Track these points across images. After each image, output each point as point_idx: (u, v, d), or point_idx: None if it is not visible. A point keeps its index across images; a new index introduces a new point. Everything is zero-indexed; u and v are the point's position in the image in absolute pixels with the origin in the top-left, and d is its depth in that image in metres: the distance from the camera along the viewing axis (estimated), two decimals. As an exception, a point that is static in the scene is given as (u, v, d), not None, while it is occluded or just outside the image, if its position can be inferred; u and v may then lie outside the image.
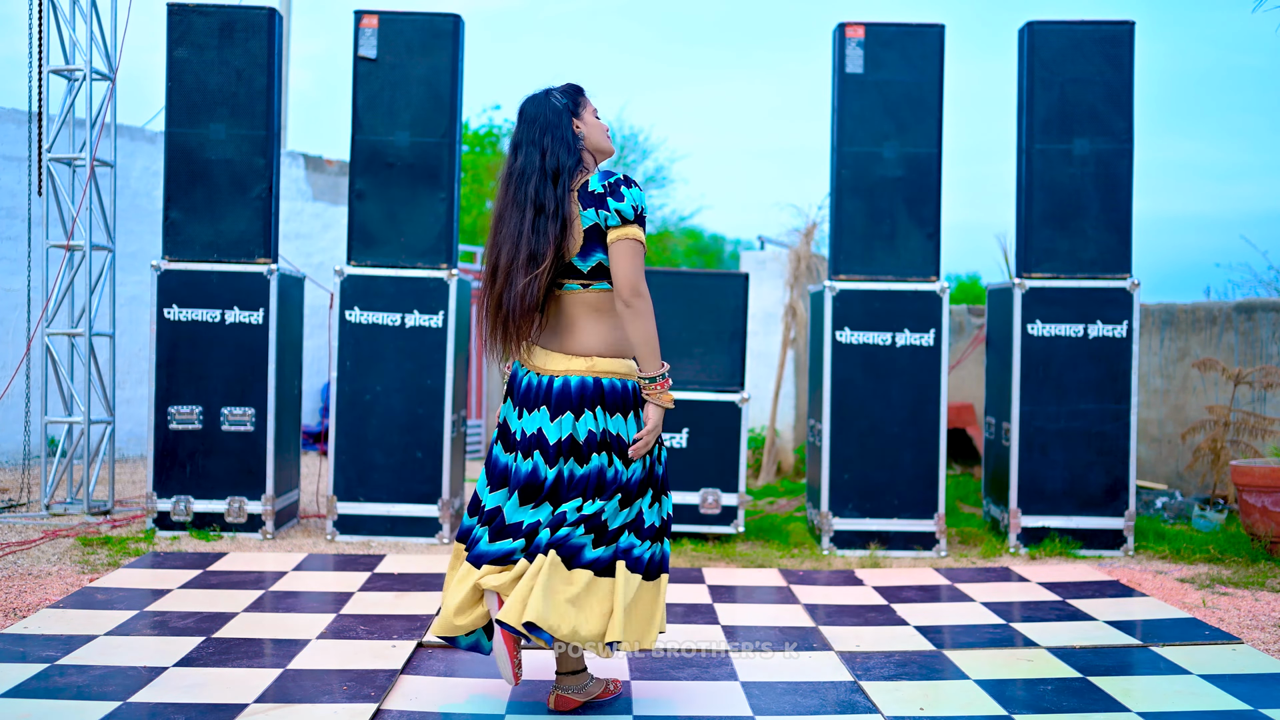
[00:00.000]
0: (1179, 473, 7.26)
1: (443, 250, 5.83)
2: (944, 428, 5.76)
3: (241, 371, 5.82)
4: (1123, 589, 4.91)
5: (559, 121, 3.14)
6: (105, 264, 6.35)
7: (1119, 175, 5.78)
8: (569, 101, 3.19)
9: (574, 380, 3.09)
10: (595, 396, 3.09)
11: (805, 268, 8.26)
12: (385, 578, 4.93)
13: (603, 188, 3.07)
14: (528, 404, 3.15)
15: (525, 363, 3.19)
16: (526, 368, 3.19)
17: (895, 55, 5.81)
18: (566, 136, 3.13)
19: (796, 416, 9.21)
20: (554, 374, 3.12)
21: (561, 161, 3.10)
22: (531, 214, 3.08)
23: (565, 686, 3.28)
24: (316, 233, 10.34)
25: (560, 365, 3.12)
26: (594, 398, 3.09)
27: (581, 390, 3.09)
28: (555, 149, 3.10)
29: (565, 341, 3.14)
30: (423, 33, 5.82)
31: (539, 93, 3.22)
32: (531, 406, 3.13)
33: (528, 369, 3.19)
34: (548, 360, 3.14)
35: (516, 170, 3.14)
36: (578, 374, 3.09)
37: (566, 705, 3.26)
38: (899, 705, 3.36)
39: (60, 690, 3.32)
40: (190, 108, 5.84)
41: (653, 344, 3.07)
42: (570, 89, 3.23)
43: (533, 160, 3.11)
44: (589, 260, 3.09)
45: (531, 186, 3.09)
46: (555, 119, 3.14)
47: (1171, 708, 3.35)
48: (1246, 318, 7.00)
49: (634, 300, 3.04)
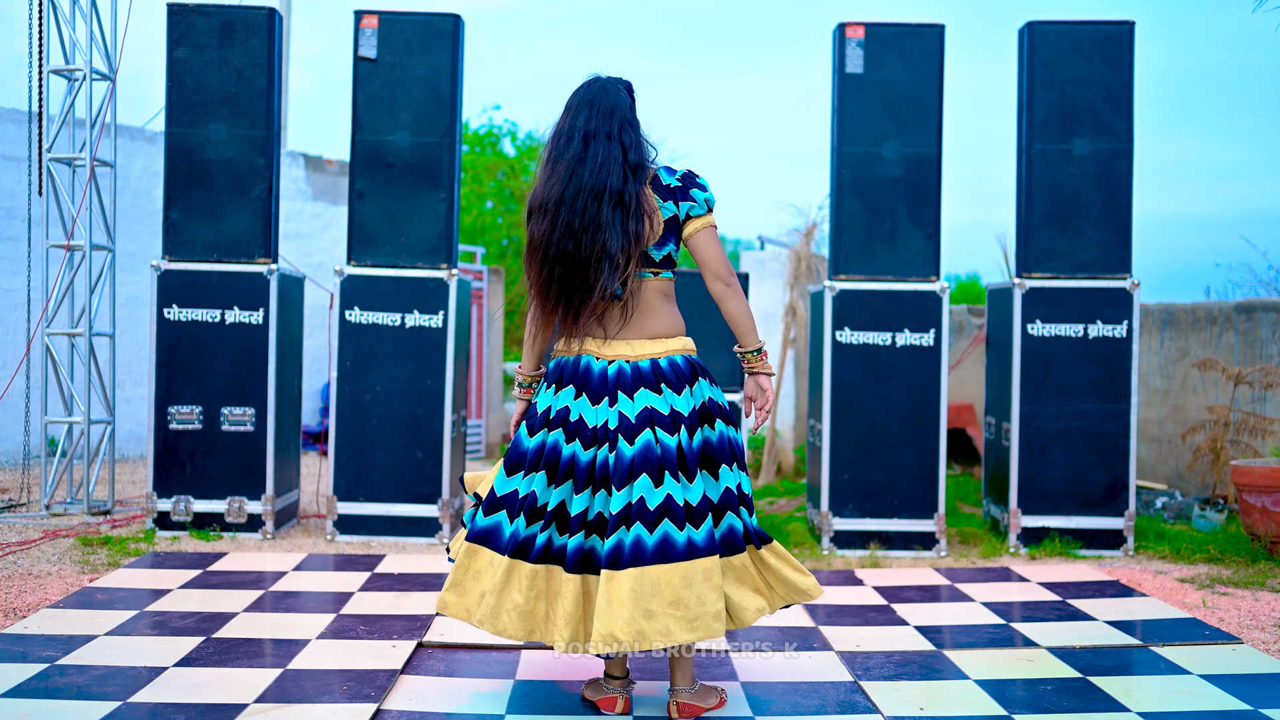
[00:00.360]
0: (1179, 473, 7.26)
1: (443, 250, 5.83)
2: (944, 428, 5.76)
3: (241, 371, 5.82)
4: (1123, 589, 4.91)
5: (634, 119, 3.21)
6: (105, 264, 6.35)
7: (1119, 175, 5.78)
8: (632, 99, 3.25)
9: (663, 361, 3.17)
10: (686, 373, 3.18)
11: (805, 268, 8.26)
12: (385, 578, 4.93)
13: (678, 181, 3.19)
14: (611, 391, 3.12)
15: (589, 351, 3.17)
16: (593, 355, 3.17)
17: (895, 55, 5.81)
18: (642, 134, 3.21)
19: (796, 416, 9.21)
20: (638, 358, 3.16)
21: (644, 157, 3.18)
22: (611, 205, 3.10)
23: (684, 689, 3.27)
24: (316, 233, 10.34)
25: (645, 349, 3.17)
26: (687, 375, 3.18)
27: (673, 369, 3.17)
28: (637, 144, 3.17)
29: (645, 327, 3.19)
30: (423, 33, 5.82)
31: (606, 81, 3.22)
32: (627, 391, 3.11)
33: (596, 357, 3.17)
34: (630, 347, 3.17)
35: (593, 158, 3.11)
36: (666, 354, 3.18)
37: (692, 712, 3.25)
38: (899, 705, 3.36)
39: (60, 690, 3.32)
40: (190, 108, 5.83)
41: (752, 318, 3.26)
42: (630, 85, 3.27)
43: (613, 153, 3.12)
44: (662, 250, 3.18)
45: (615, 179, 3.11)
46: (631, 115, 3.20)
47: (1171, 708, 3.35)
48: (1246, 318, 7.00)
49: (732, 280, 3.21)
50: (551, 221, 3.11)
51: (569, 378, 3.18)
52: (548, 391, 3.21)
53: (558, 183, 3.13)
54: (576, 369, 3.18)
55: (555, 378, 3.21)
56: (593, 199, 3.09)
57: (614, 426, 3.09)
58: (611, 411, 3.11)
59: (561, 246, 3.10)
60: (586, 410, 3.13)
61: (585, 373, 3.17)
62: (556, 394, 3.18)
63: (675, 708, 3.22)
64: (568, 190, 3.11)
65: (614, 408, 3.11)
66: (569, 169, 3.12)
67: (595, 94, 3.18)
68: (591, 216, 3.09)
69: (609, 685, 3.32)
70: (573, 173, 3.11)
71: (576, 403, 3.15)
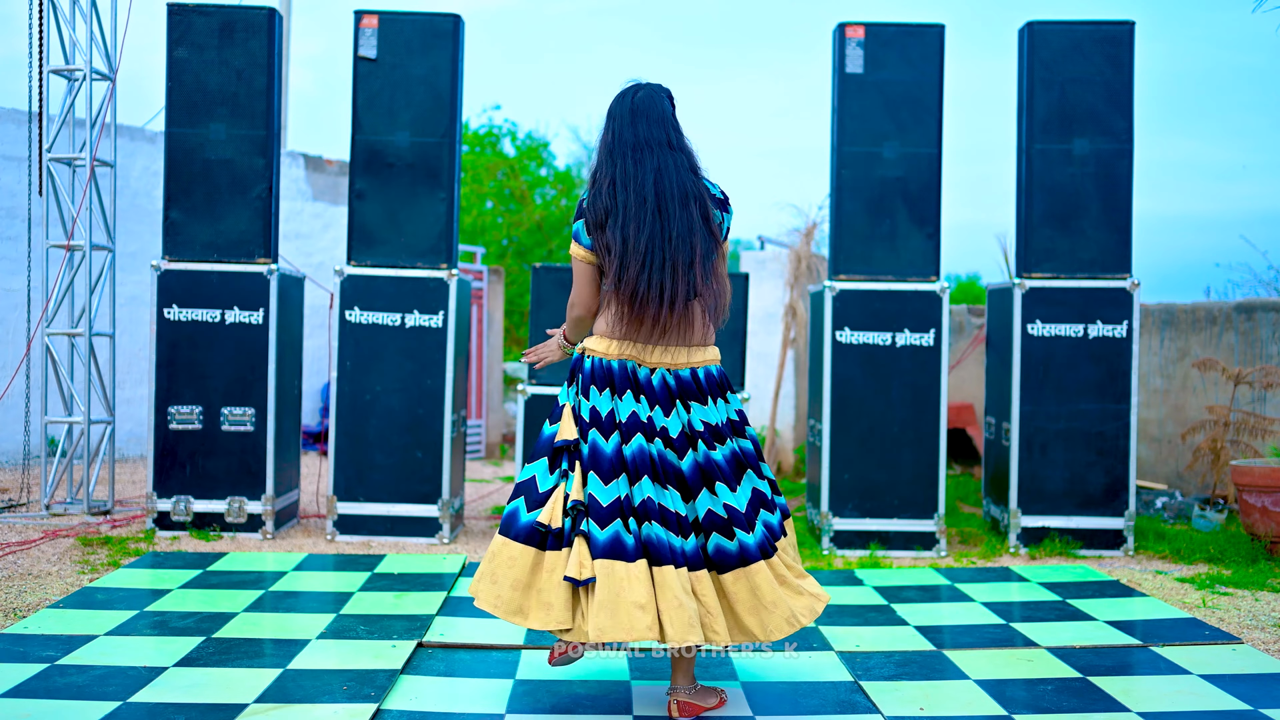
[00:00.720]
0: (1179, 473, 7.26)
1: (443, 250, 5.83)
2: (944, 428, 5.76)
3: (241, 371, 5.82)
4: (1123, 589, 4.91)
5: (680, 127, 3.26)
6: (105, 264, 6.35)
7: (1119, 175, 5.78)
8: (674, 106, 3.29)
9: (715, 370, 3.27)
10: (722, 385, 3.28)
11: (805, 268, 8.26)
12: (385, 578, 4.93)
13: (722, 194, 3.27)
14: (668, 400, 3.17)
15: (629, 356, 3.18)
16: (641, 363, 3.19)
17: (895, 55, 5.81)
18: (691, 142, 3.25)
19: (796, 416, 9.21)
20: (694, 366, 3.23)
21: (699, 167, 3.23)
22: (695, 211, 3.16)
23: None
24: (316, 233, 10.34)
25: (699, 357, 3.24)
26: (722, 385, 3.28)
27: (723, 379, 3.28)
28: (693, 152, 3.24)
29: (696, 336, 3.24)
30: (423, 33, 5.82)
31: (651, 90, 3.25)
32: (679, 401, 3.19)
33: (644, 365, 3.19)
34: (690, 355, 3.22)
35: (662, 165, 3.14)
36: (715, 364, 3.28)
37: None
38: (899, 705, 3.36)
39: (60, 690, 3.32)
40: (190, 108, 5.84)
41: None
42: (670, 94, 3.31)
43: (680, 160, 3.18)
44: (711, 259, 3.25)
45: (690, 184, 3.17)
46: (678, 123, 3.26)
47: (1171, 708, 3.35)
48: (1246, 318, 7.00)
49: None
50: (637, 227, 3.12)
51: (621, 382, 3.17)
52: (598, 394, 3.18)
53: (636, 189, 3.13)
54: (625, 373, 3.18)
55: (604, 380, 3.19)
56: (679, 204, 3.13)
57: (674, 434, 3.16)
58: (670, 420, 3.17)
59: (662, 253, 3.11)
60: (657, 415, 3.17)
61: (634, 377, 3.19)
62: (615, 398, 3.17)
63: (676, 707, 3.23)
64: (649, 197, 3.12)
65: (669, 416, 3.17)
66: (647, 176, 3.13)
67: (645, 104, 3.21)
68: (681, 221, 3.13)
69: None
70: (655, 179, 3.13)
71: (640, 406, 3.17)
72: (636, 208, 3.12)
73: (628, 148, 3.17)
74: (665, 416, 3.17)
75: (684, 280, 3.13)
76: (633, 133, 3.17)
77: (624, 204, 3.13)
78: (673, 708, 3.23)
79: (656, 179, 3.13)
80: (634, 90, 3.24)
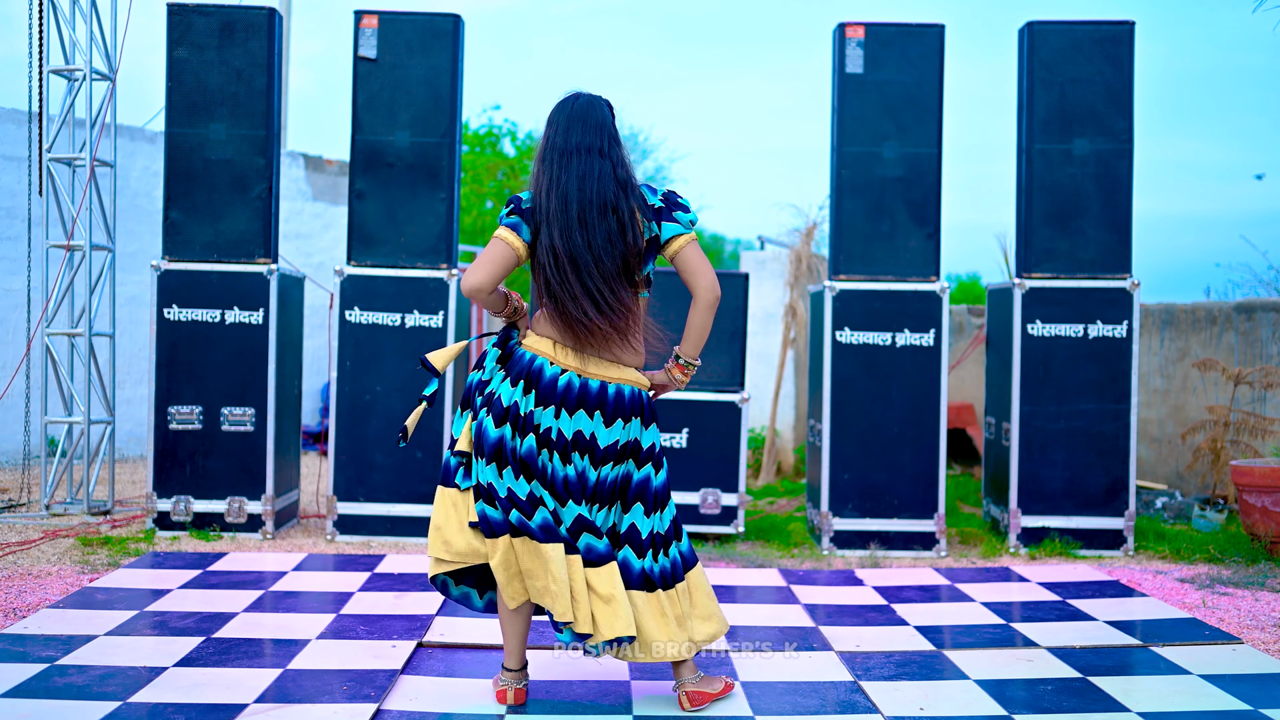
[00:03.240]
0: (1179, 473, 7.26)
1: (443, 250, 5.83)
2: (944, 428, 5.76)
3: (241, 371, 5.82)
4: (1123, 589, 4.91)
5: (619, 136, 3.24)
6: (105, 264, 6.35)
7: (1119, 175, 5.78)
8: (614, 116, 3.27)
9: (627, 390, 3.22)
10: (635, 406, 3.24)
11: (805, 268, 8.26)
12: (385, 578, 4.93)
13: (661, 201, 3.21)
14: (569, 405, 3.16)
15: (559, 361, 3.18)
16: (561, 366, 3.18)
17: (895, 55, 5.81)
18: (627, 152, 3.23)
19: (796, 416, 9.21)
20: (606, 380, 3.19)
21: (630, 176, 3.21)
22: (613, 221, 3.14)
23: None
24: (316, 233, 10.34)
25: (614, 373, 3.21)
26: (635, 407, 3.24)
27: (634, 400, 3.23)
28: (624, 161, 3.20)
29: (617, 350, 3.22)
30: (423, 33, 5.82)
31: (591, 98, 3.25)
32: (574, 409, 3.16)
33: (563, 368, 3.18)
34: (603, 368, 3.20)
35: (587, 171, 3.13)
36: (630, 383, 3.23)
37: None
38: (899, 705, 3.36)
39: (60, 690, 3.32)
40: (190, 108, 5.84)
41: (707, 334, 3.28)
42: (610, 104, 3.29)
43: (605, 169, 3.16)
44: (644, 270, 3.23)
45: (611, 193, 3.15)
46: (616, 132, 3.24)
47: (1171, 708, 3.35)
48: (1246, 318, 7.00)
49: (717, 293, 3.22)
50: (563, 233, 3.12)
51: (533, 383, 3.17)
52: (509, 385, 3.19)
53: (560, 194, 3.13)
54: (541, 375, 3.17)
55: (520, 374, 3.19)
56: (591, 208, 3.12)
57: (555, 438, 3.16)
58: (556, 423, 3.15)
59: (585, 260, 3.11)
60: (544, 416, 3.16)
61: (528, 367, 3.18)
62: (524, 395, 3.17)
63: (686, 698, 3.28)
64: (573, 203, 3.12)
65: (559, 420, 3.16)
66: (571, 182, 3.13)
67: (583, 110, 3.21)
68: (600, 231, 3.12)
69: (504, 677, 3.33)
70: (579, 184, 3.13)
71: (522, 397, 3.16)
72: (560, 213, 3.13)
73: (556, 153, 3.18)
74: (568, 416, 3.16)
75: (611, 287, 3.12)
76: (564, 138, 3.18)
77: (547, 210, 3.14)
78: (683, 700, 3.28)
79: (580, 184, 3.13)
80: (574, 98, 3.25)
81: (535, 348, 3.21)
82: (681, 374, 3.31)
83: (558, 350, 3.19)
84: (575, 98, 3.25)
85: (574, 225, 3.11)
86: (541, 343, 3.21)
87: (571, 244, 3.11)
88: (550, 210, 3.13)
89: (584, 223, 3.12)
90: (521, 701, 3.32)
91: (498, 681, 3.35)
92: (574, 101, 3.23)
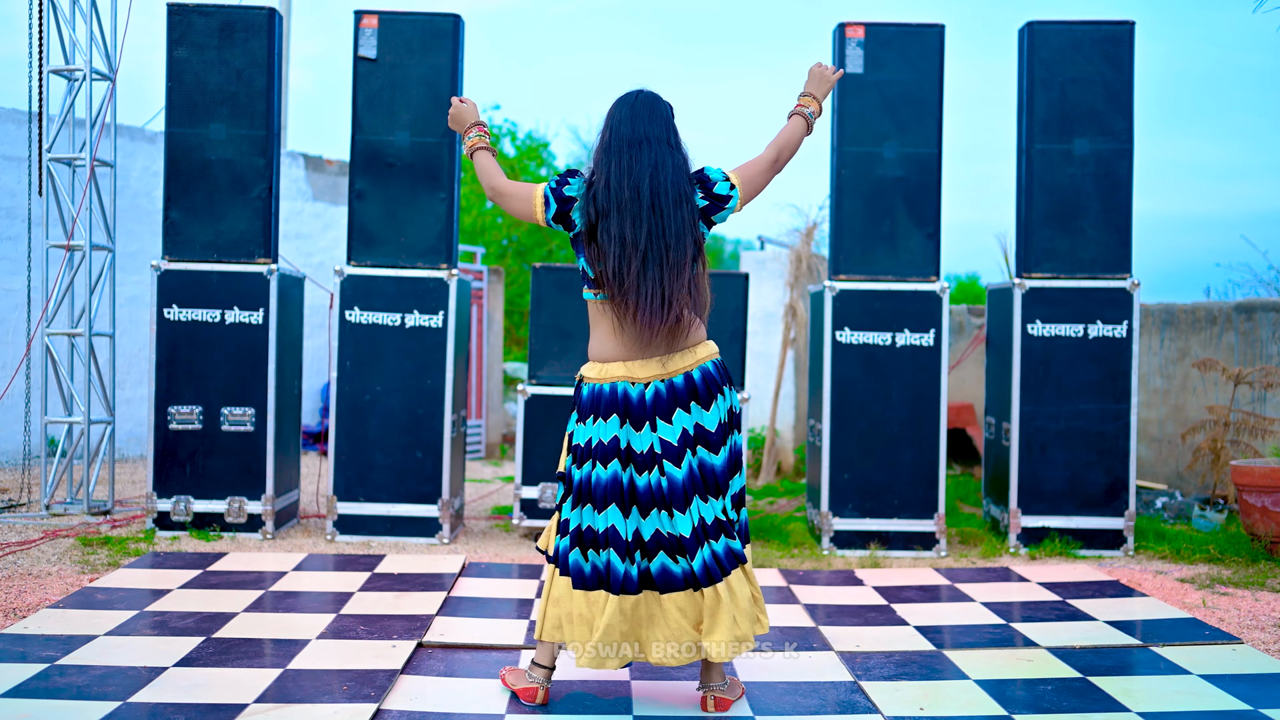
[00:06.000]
0: (1179, 473, 7.26)
1: (443, 250, 5.83)
2: (944, 428, 5.76)
3: (241, 371, 5.82)
4: (1123, 589, 4.91)
5: (680, 136, 3.25)
6: (105, 264, 6.36)
7: (1119, 175, 5.78)
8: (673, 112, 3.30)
9: (712, 365, 3.23)
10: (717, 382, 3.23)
11: (805, 268, 8.26)
12: (385, 578, 4.93)
13: (727, 191, 3.26)
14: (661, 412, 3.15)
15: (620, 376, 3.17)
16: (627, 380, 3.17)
17: (895, 55, 5.81)
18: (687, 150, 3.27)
19: (796, 416, 9.21)
20: (687, 369, 3.19)
21: (691, 168, 3.23)
22: (686, 212, 3.15)
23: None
24: (316, 233, 10.34)
25: (691, 359, 3.20)
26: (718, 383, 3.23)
27: (721, 373, 3.25)
28: (687, 154, 3.23)
29: (689, 337, 3.22)
30: (423, 33, 5.82)
31: (654, 94, 3.27)
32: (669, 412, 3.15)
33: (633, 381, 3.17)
34: (684, 359, 3.19)
35: (659, 162, 3.13)
36: (712, 358, 3.24)
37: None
38: (899, 705, 3.36)
39: (60, 690, 3.32)
40: (190, 108, 5.84)
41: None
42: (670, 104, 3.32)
43: (678, 160, 3.19)
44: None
45: (685, 185, 3.17)
46: (678, 131, 3.25)
47: (1171, 708, 3.35)
48: (1246, 318, 7.00)
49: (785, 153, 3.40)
50: (634, 223, 3.10)
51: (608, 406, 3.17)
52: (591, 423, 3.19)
53: (632, 184, 3.11)
54: (615, 396, 3.17)
55: (591, 408, 3.20)
56: (674, 203, 3.13)
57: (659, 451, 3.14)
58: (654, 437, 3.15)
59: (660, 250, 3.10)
60: (633, 437, 3.16)
61: (624, 399, 3.18)
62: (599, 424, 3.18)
63: (714, 703, 3.29)
64: (645, 193, 3.11)
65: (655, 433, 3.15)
66: (644, 171, 3.12)
67: (648, 104, 3.22)
68: (676, 220, 3.12)
69: (533, 674, 3.33)
70: (652, 174, 3.12)
71: (623, 430, 3.16)
72: (632, 203, 3.11)
73: (624, 143, 3.16)
74: (636, 432, 3.16)
75: (679, 280, 3.12)
76: (630, 128, 3.17)
77: (619, 200, 3.11)
78: (709, 703, 3.29)
79: (653, 175, 3.12)
80: (636, 94, 3.26)
81: (593, 376, 3.23)
82: (814, 108, 3.46)
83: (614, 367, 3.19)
84: (639, 93, 3.25)
85: (646, 214, 3.10)
86: (592, 368, 3.23)
87: (642, 233, 3.09)
88: (622, 199, 3.11)
89: (658, 210, 3.10)
90: (546, 702, 3.31)
91: (526, 677, 3.33)
92: (638, 95, 3.24)
